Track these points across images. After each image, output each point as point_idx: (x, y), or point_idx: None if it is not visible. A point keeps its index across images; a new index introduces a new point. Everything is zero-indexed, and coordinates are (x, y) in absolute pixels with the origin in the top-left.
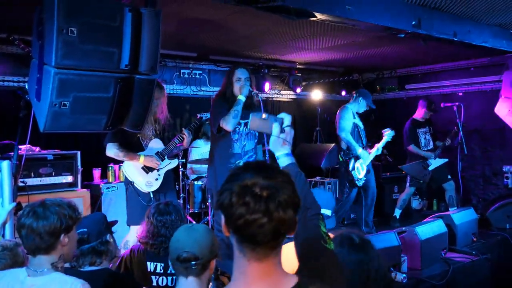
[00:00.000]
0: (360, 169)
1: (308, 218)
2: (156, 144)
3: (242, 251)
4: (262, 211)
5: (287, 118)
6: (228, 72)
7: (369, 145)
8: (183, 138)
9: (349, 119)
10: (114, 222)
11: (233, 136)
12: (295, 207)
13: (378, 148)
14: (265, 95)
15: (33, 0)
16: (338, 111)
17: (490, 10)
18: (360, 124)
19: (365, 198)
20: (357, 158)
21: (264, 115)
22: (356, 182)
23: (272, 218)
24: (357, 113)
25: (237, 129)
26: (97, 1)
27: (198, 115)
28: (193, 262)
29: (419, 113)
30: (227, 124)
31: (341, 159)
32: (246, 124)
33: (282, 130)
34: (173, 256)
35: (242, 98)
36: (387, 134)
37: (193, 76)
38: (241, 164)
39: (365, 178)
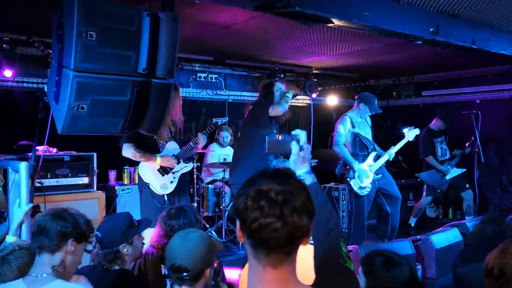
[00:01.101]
0: (363, 177)
1: (330, 237)
2: (172, 146)
3: (257, 257)
4: (276, 216)
5: (302, 135)
6: (267, 84)
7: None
8: (198, 142)
9: (344, 131)
10: (146, 223)
11: None
12: (309, 214)
13: (389, 152)
14: None
15: (53, 3)
16: (336, 123)
17: (508, 17)
18: (363, 131)
19: (390, 206)
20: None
21: (279, 136)
22: (359, 191)
23: (286, 222)
24: (365, 119)
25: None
26: (115, 6)
27: (214, 119)
28: (184, 274)
29: (436, 123)
30: (279, 107)
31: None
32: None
33: (300, 148)
34: (167, 264)
35: (290, 94)
36: (411, 132)
37: (209, 80)
38: (275, 165)
39: (371, 186)
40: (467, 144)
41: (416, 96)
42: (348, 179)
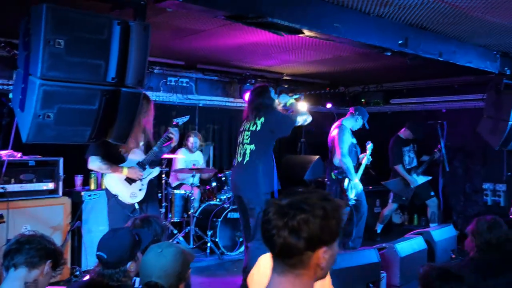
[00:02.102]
0: (353, 190)
1: None
2: (135, 155)
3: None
4: (274, 225)
5: None
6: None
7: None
8: (171, 137)
9: (348, 141)
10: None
11: None
12: (308, 236)
13: (363, 164)
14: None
15: (20, 9)
16: (336, 130)
17: (475, 31)
18: (355, 142)
19: (356, 215)
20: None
21: None
22: (349, 201)
23: (280, 235)
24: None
25: None
26: (85, 14)
27: (174, 120)
28: None
29: (404, 132)
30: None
31: (334, 177)
32: None
33: None
34: (142, 280)
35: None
36: (369, 148)
37: (180, 84)
38: None
39: (355, 198)
40: (435, 150)
41: (385, 103)
42: (344, 187)
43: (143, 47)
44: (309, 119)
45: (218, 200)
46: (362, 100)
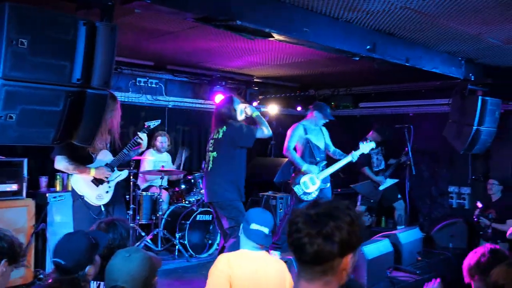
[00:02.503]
0: (308, 183)
1: None
2: (104, 156)
3: (297, 270)
4: (306, 233)
5: None
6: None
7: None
8: (139, 142)
9: (296, 136)
10: (97, 246)
11: None
12: (342, 243)
13: (338, 162)
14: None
15: None
16: (289, 129)
17: (440, 38)
18: (315, 139)
19: None
20: (304, 172)
21: None
22: (302, 196)
23: (313, 242)
24: (320, 128)
25: None
26: (50, 13)
27: (146, 123)
28: None
29: (372, 135)
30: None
31: (292, 172)
32: None
33: None
34: (107, 283)
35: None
36: (366, 145)
37: (149, 85)
38: None
39: (316, 192)
40: (402, 153)
41: (354, 107)
42: (292, 185)
43: (109, 48)
44: (269, 134)
45: (187, 202)
46: (332, 103)
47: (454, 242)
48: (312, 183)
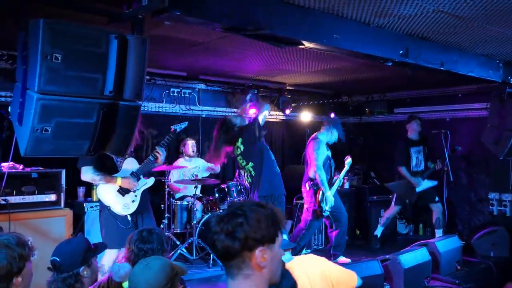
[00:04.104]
0: (327, 201)
1: None
2: (130, 165)
3: None
4: (213, 232)
5: None
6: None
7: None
8: (157, 156)
9: (323, 154)
10: (96, 250)
11: None
12: (246, 240)
13: (339, 178)
14: (254, 115)
15: (18, 23)
16: (311, 143)
17: (476, 40)
18: (330, 155)
19: (336, 224)
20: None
21: None
22: (324, 213)
23: (219, 239)
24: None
25: None
26: (82, 28)
27: (172, 127)
28: None
29: (411, 132)
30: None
31: (308, 188)
32: None
33: None
34: None
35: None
36: (347, 163)
37: (182, 95)
38: None
39: (332, 210)
40: (438, 160)
41: (388, 113)
42: (319, 200)
43: (141, 60)
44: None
45: (221, 211)
46: (366, 109)
47: (495, 250)
48: (329, 201)
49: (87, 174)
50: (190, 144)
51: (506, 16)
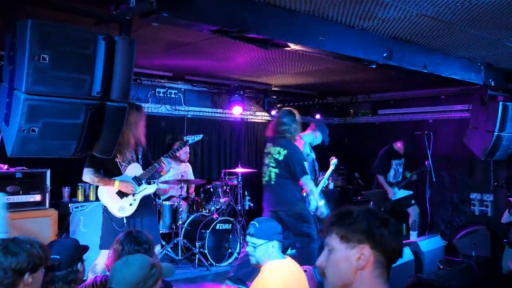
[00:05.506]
0: (312, 202)
1: None
2: (134, 169)
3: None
4: None
5: None
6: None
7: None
8: (162, 166)
9: (307, 156)
10: (86, 248)
11: None
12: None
13: (324, 179)
14: (239, 116)
15: (6, 23)
16: (294, 145)
17: (458, 44)
18: (314, 157)
19: (320, 223)
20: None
21: None
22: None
23: None
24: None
25: None
26: (70, 29)
27: (185, 138)
28: None
29: (399, 147)
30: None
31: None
32: None
33: None
34: (108, 285)
35: None
36: (332, 163)
37: (168, 95)
38: None
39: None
40: (414, 171)
41: (373, 114)
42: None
43: (128, 61)
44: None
45: (206, 211)
46: (351, 110)
47: (477, 250)
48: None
49: (87, 175)
50: (185, 150)
51: (486, 21)
